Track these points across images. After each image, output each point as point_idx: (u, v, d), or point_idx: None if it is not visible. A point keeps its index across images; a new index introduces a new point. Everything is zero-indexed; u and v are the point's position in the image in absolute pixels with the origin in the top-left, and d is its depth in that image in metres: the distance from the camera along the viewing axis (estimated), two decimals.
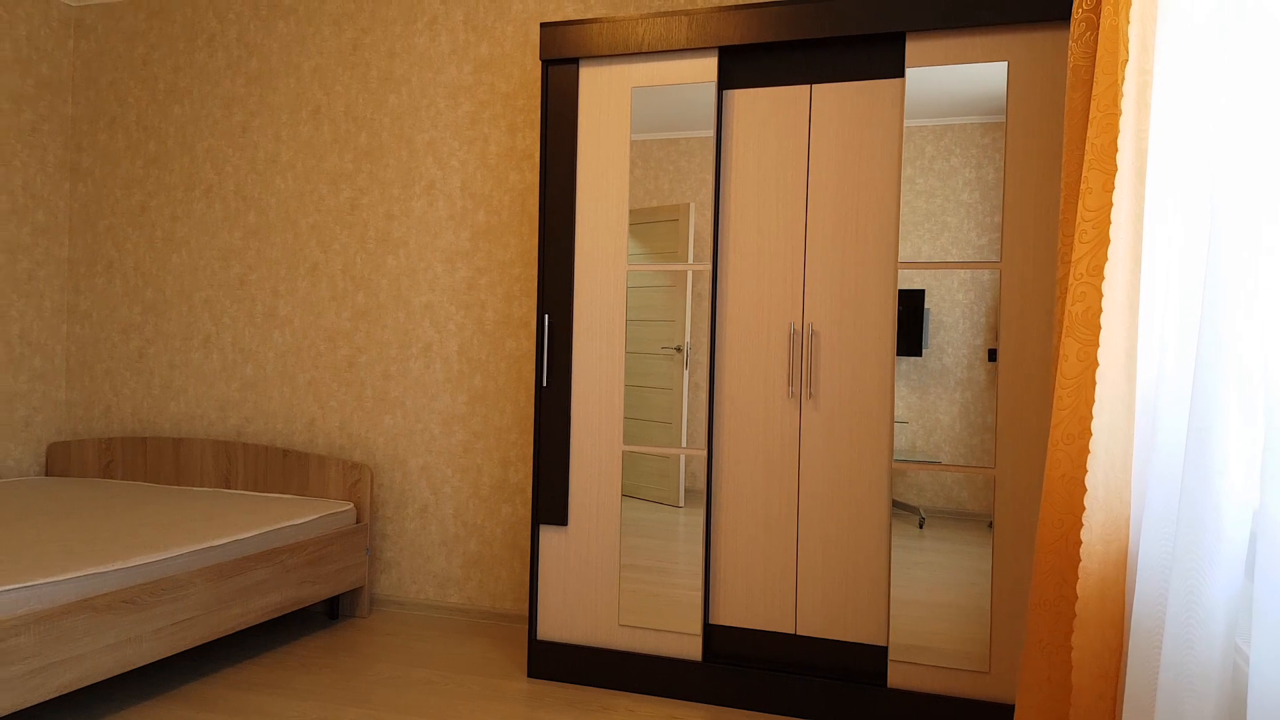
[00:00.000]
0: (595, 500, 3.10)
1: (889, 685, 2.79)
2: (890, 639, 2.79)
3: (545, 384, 3.14)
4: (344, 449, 3.98)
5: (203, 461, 4.10)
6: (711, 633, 3.02)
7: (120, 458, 4.25)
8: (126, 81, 4.38)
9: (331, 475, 3.86)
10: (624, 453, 3.08)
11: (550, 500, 3.13)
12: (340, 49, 3.98)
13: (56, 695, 2.56)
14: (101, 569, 2.71)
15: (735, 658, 3.00)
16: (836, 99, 2.89)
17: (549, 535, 3.14)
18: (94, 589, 2.69)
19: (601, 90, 3.10)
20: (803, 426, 2.91)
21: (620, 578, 3.07)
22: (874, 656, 2.85)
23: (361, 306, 3.96)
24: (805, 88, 2.92)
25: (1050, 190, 2.65)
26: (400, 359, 3.90)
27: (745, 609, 2.97)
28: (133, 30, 4.36)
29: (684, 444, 3.04)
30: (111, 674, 2.70)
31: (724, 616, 3.00)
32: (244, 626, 3.18)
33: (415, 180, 3.88)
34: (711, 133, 2.98)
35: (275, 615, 3.32)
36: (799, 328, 2.91)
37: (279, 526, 3.37)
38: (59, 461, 4.36)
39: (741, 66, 3.00)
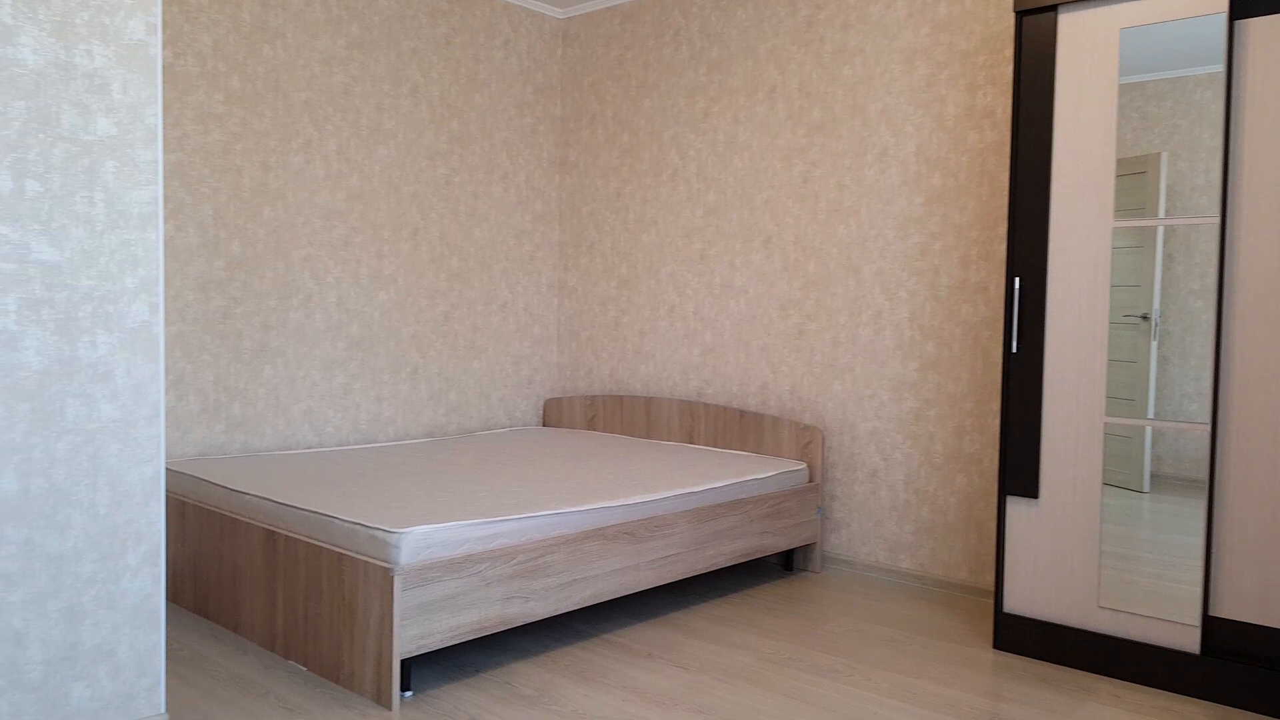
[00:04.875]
0: (1069, 473, 2.94)
1: None
2: None
3: (1015, 350, 3.03)
4: (794, 411, 4.17)
5: (669, 418, 4.53)
6: (1211, 625, 2.73)
7: (601, 413, 4.84)
8: (604, 82, 4.94)
9: (784, 436, 4.07)
10: (1104, 425, 2.88)
11: (1019, 471, 3.03)
12: (795, 28, 4.14)
13: (577, 608, 3.01)
14: (610, 504, 3.12)
15: (1241, 654, 2.68)
16: None
17: (1017, 507, 3.04)
18: (604, 521, 3.11)
19: (1082, 36, 2.90)
20: None
21: (1100, 557, 2.89)
22: None
23: (812, 276, 4.11)
24: None
25: None
26: (849, 326, 3.99)
27: (1257, 603, 2.64)
28: (609, 34, 4.90)
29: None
30: (615, 595, 3.11)
31: (1227, 609, 2.69)
32: (715, 568, 3.49)
33: (867, 149, 3.92)
34: (1209, 69, 2.66)
35: (739, 561, 3.59)
36: None
37: (744, 479, 3.63)
38: (553, 414, 5.08)
39: None
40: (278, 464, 3.60)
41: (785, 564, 4.02)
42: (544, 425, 5.13)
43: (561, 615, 3.35)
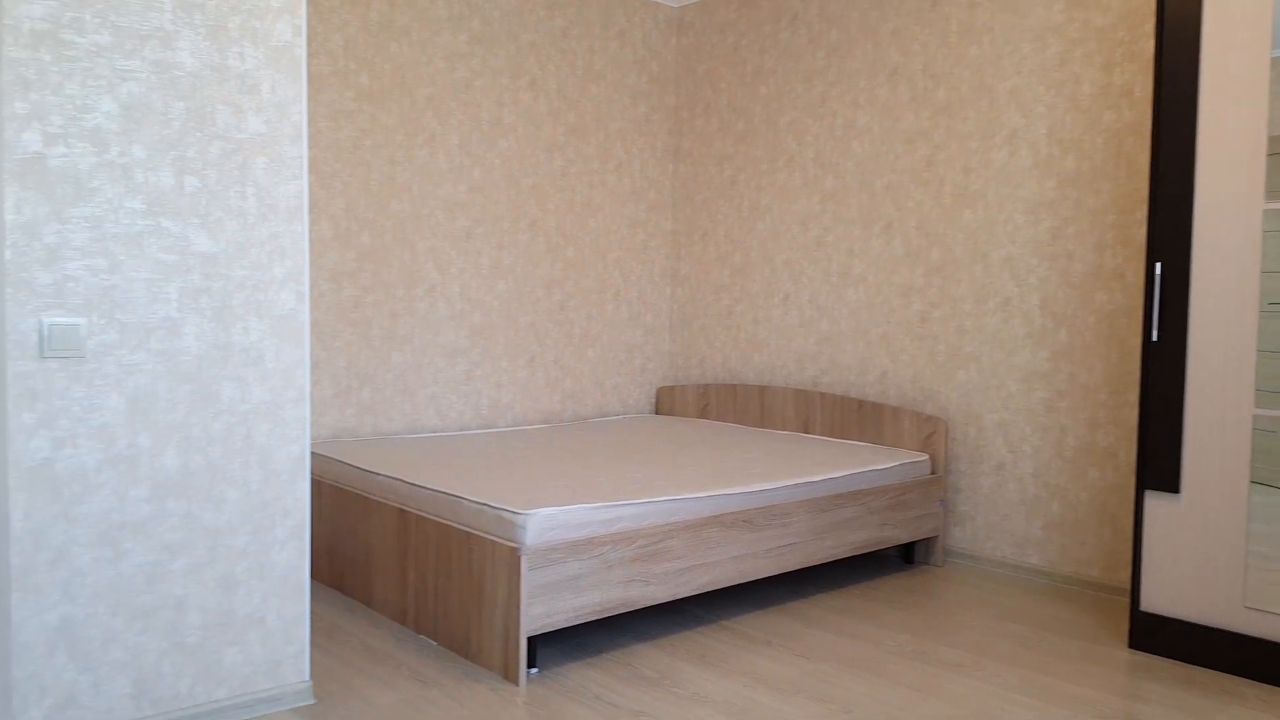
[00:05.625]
0: (1213, 467, 2.79)
1: None
2: None
3: (1156, 339, 2.90)
4: (916, 402, 4.08)
5: (784, 407, 4.50)
6: None
7: (714, 401, 4.85)
8: (719, 70, 4.92)
9: (905, 426, 3.99)
10: (1253, 418, 2.73)
11: (1159, 465, 2.89)
12: (919, 7, 4.04)
13: (695, 593, 3.03)
14: (727, 491, 3.13)
15: None
16: None
17: (1155, 502, 2.91)
18: (722, 508, 3.12)
19: (1231, 8, 2.74)
20: None
21: (1246, 555, 2.74)
22: None
23: (935, 263, 4.01)
24: None
25: None
26: (976, 314, 3.88)
27: None
28: (724, 22, 4.88)
29: None
30: (733, 582, 3.12)
31: None
32: (833, 558, 3.45)
33: (995, 131, 3.80)
34: None
35: (858, 552, 3.55)
36: None
37: (863, 470, 3.58)
38: (665, 402, 5.12)
39: None
40: (406, 446, 3.74)
41: (905, 557, 3.95)
42: (656, 413, 5.17)
43: (680, 600, 3.38)
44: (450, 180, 4.32)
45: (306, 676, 2.46)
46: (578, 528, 2.74)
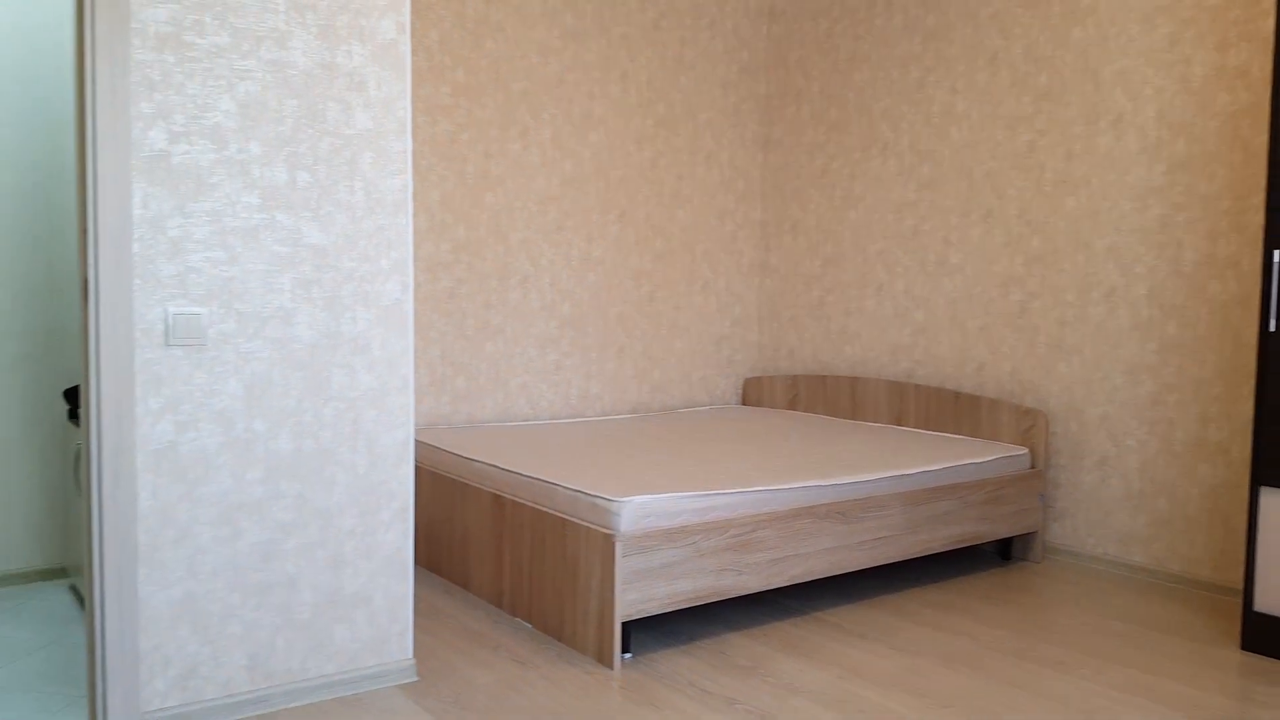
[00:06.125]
0: None
1: None
2: None
3: (1274, 329, 2.77)
4: (1014, 394, 3.98)
5: (876, 399, 4.44)
6: None
7: (803, 393, 4.81)
8: (811, 57, 4.87)
9: (1003, 419, 3.90)
10: None
11: (1276, 460, 2.77)
12: None
13: (787, 584, 3.02)
14: (820, 483, 3.11)
15: None
16: None
17: (1272, 499, 2.78)
18: (814, 499, 3.10)
19: None
20: None
21: None
22: None
23: (1036, 251, 3.90)
24: None
25: None
26: (1078, 304, 3.76)
27: None
28: (817, 9, 4.83)
29: None
30: (826, 574, 3.10)
31: None
32: (928, 552, 3.40)
33: (1100, 115, 3.67)
34: None
35: (954, 547, 3.48)
36: None
37: (960, 463, 3.51)
38: (752, 393, 5.10)
39: None
40: (499, 434, 3.82)
41: (1002, 553, 3.86)
42: (742, 404, 5.15)
43: (772, 591, 3.37)
44: (542, 173, 4.38)
45: (410, 655, 2.54)
46: (671, 516, 2.77)
